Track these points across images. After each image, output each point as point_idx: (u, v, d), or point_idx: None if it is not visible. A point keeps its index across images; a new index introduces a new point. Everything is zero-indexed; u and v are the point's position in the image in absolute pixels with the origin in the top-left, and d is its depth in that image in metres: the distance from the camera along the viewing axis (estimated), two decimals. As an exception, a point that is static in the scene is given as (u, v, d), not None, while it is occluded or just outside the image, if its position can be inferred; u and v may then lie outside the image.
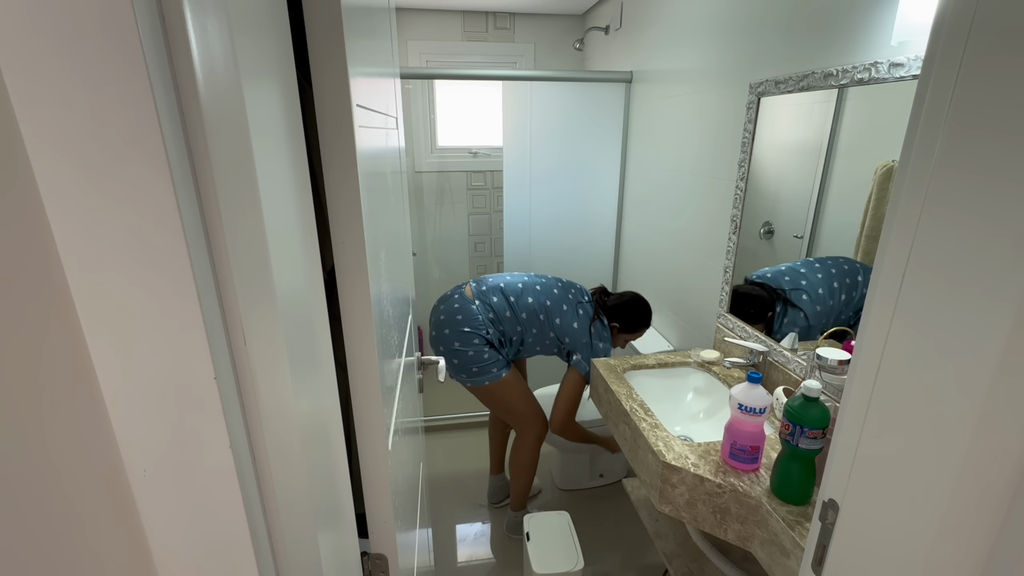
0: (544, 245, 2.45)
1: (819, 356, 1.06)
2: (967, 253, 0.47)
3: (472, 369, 1.70)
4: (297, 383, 0.43)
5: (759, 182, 1.41)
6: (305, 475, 0.45)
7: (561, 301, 1.73)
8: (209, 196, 0.32)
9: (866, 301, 0.60)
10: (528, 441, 1.85)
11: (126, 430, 0.33)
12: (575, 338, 1.71)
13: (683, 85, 1.79)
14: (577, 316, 1.72)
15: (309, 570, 0.46)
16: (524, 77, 2.22)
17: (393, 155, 1.02)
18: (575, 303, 1.74)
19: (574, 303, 1.74)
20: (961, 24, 0.47)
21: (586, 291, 1.82)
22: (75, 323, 0.31)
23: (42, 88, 0.27)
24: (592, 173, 2.38)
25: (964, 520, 0.49)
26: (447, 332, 1.69)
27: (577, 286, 1.82)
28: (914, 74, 0.93)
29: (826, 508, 0.66)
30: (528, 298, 1.72)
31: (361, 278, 0.61)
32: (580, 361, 1.70)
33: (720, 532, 1.06)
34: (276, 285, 0.39)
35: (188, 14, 0.29)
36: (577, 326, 1.71)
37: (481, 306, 1.70)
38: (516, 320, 1.71)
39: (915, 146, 0.52)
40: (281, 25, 0.46)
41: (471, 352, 1.68)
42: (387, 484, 0.70)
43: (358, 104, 0.60)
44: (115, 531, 0.34)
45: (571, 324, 1.71)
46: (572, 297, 1.75)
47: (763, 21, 1.35)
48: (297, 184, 0.48)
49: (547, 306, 1.72)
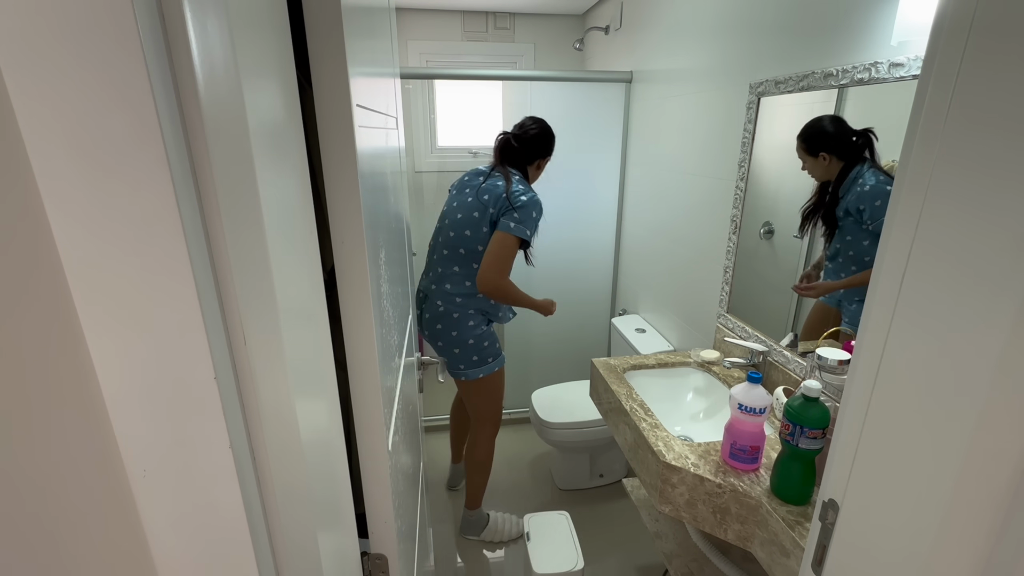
0: (544, 245, 2.44)
1: (819, 356, 1.06)
2: (967, 253, 0.47)
3: (473, 359, 1.71)
4: (297, 383, 0.43)
5: (759, 182, 1.41)
6: (305, 475, 0.45)
7: (472, 211, 1.65)
8: (209, 196, 0.32)
9: (866, 301, 0.60)
10: (486, 434, 1.87)
11: (126, 430, 0.33)
12: (496, 208, 1.62)
13: (683, 85, 1.79)
14: (485, 204, 1.63)
15: (309, 570, 0.46)
16: (524, 77, 2.22)
17: (393, 155, 1.02)
18: (482, 202, 1.65)
19: (481, 203, 1.65)
20: (961, 24, 0.47)
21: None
22: (75, 323, 0.31)
23: (42, 88, 0.27)
24: (592, 173, 2.38)
25: (964, 520, 0.49)
26: (439, 327, 1.71)
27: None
28: (914, 74, 0.93)
29: (826, 508, 0.66)
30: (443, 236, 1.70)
31: (361, 278, 0.61)
32: (504, 221, 1.58)
33: (720, 532, 1.06)
34: (276, 285, 0.39)
35: (188, 14, 0.29)
36: (489, 209, 1.63)
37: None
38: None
39: (915, 145, 0.52)
40: (281, 25, 0.46)
41: (471, 341, 1.70)
42: (387, 484, 0.70)
43: (358, 104, 0.60)
44: (115, 531, 0.34)
45: (472, 214, 1.64)
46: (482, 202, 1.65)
47: (763, 21, 1.35)
48: (297, 184, 0.48)
49: (459, 222, 1.66)
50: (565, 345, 2.61)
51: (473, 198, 1.65)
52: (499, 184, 1.64)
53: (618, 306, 2.55)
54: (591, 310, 2.58)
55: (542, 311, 1.80)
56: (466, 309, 1.69)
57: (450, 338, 1.71)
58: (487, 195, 1.63)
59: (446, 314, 1.69)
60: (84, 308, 0.31)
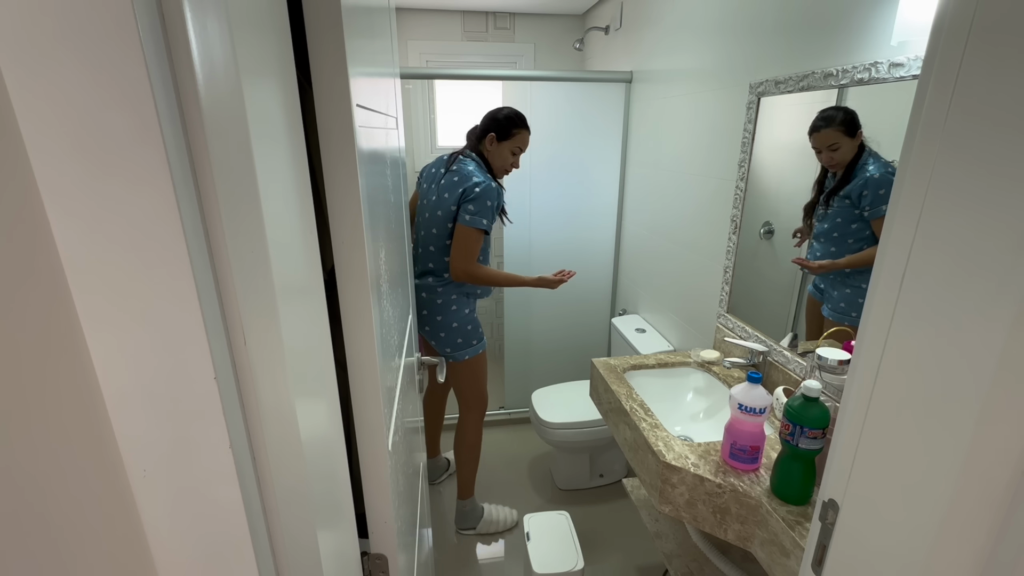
0: (544, 245, 2.45)
1: (819, 356, 1.06)
2: (968, 251, 0.47)
3: (458, 341, 1.81)
4: (297, 383, 0.43)
5: (759, 182, 1.41)
6: (305, 475, 0.45)
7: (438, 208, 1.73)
8: (209, 196, 0.32)
9: (866, 300, 0.60)
10: (474, 418, 1.93)
11: (126, 430, 0.33)
12: (455, 203, 1.69)
13: (683, 85, 1.79)
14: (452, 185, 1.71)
15: (309, 570, 0.46)
16: (524, 77, 2.22)
17: (393, 155, 1.02)
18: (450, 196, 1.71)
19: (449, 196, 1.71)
20: (961, 24, 0.47)
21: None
22: (75, 323, 0.31)
23: (42, 88, 0.27)
24: (592, 173, 2.38)
25: (964, 520, 0.49)
26: (424, 313, 1.80)
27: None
28: (914, 74, 0.93)
29: (826, 508, 0.66)
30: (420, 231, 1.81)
31: (361, 278, 0.61)
32: (461, 214, 1.66)
33: (720, 532, 1.06)
34: (276, 285, 0.39)
35: (188, 14, 0.29)
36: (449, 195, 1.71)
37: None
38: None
39: (916, 145, 0.52)
40: (281, 25, 0.46)
41: (455, 324, 1.80)
42: (387, 484, 0.70)
43: (358, 104, 0.60)
44: (115, 531, 0.34)
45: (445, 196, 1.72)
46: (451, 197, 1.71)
47: (763, 21, 1.35)
48: (297, 184, 0.48)
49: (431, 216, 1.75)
50: (565, 345, 2.61)
51: (436, 196, 1.75)
52: (455, 179, 1.70)
53: (618, 306, 2.55)
54: (591, 310, 2.58)
55: (544, 286, 1.86)
56: (448, 295, 1.80)
57: (436, 323, 1.81)
58: (447, 192, 1.72)
59: (430, 301, 1.79)
60: (84, 308, 0.31)
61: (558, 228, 2.43)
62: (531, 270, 2.46)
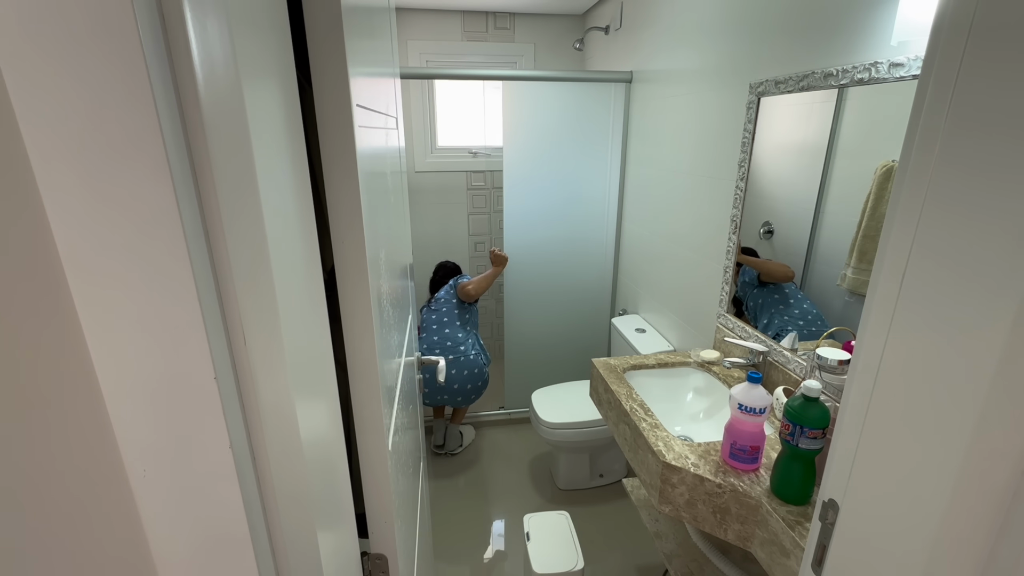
0: (544, 245, 2.45)
1: (819, 356, 1.06)
2: (967, 252, 0.47)
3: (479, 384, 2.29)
4: (297, 383, 0.43)
5: (759, 182, 1.41)
6: (305, 475, 0.45)
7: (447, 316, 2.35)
8: (209, 196, 0.32)
9: (866, 301, 0.60)
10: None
11: (126, 430, 0.33)
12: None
13: (683, 85, 1.79)
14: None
15: (309, 570, 0.46)
16: (524, 77, 2.21)
17: (393, 155, 1.02)
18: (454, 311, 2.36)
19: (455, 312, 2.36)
20: (961, 24, 0.47)
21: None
22: (75, 323, 0.31)
23: (43, 88, 0.27)
24: (592, 173, 2.38)
25: (964, 520, 0.49)
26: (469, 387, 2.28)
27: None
28: (914, 74, 0.93)
29: (826, 508, 0.66)
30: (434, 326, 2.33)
31: (361, 278, 0.61)
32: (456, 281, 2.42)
33: (720, 532, 1.06)
34: (276, 285, 0.39)
35: (188, 14, 0.29)
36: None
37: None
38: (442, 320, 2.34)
39: (915, 145, 0.52)
40: (281, 25, 0.46)
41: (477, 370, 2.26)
42: (387, 484, 0.70)
43: (358, 104, 0.60)
44: (115, 531, 0.34)
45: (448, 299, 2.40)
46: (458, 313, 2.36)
47: (763, 21, 1.35)
48: (297, 184, 0.48)
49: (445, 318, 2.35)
50: (565, 345, 2.61)
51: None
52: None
53: (618, 306, 2.55)
54: (591, 310, 2.58)
55: (500, 266, 2.34)
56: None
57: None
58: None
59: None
60: (84, 308, 0.31)
61: (558, 228, 2.43)
62: (531, 270, 2.46)
